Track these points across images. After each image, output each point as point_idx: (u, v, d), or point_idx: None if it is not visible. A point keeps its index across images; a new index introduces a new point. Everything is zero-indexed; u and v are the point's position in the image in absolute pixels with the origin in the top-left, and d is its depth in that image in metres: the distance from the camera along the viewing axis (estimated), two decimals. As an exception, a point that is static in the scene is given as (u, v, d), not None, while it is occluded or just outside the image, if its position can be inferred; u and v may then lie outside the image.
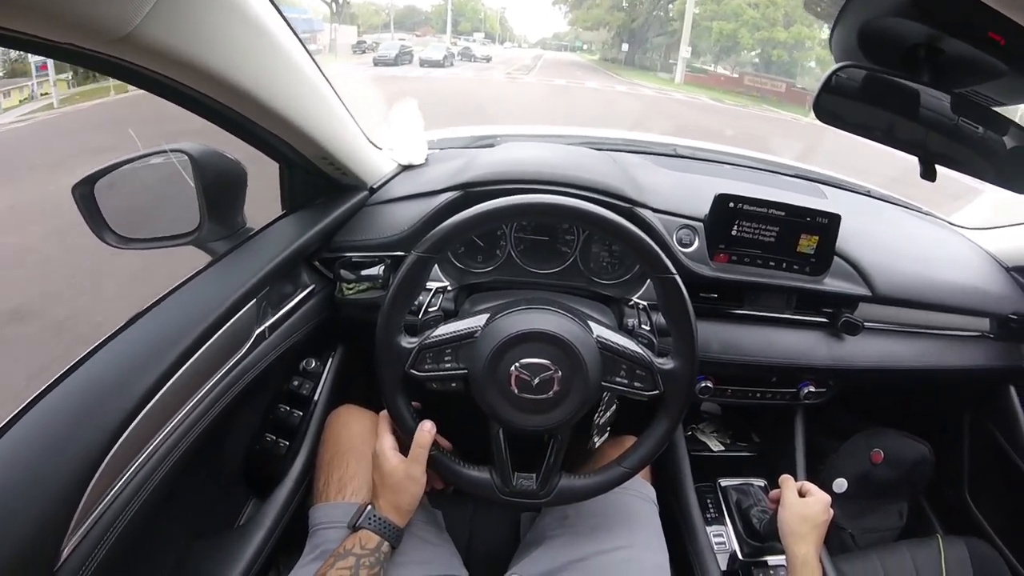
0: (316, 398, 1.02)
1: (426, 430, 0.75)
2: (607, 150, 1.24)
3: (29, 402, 0.56)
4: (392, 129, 1.10)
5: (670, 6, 28.79)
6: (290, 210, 0.97)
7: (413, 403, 0.78)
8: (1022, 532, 1.21)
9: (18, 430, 0.54)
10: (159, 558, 0.79)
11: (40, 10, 0.41)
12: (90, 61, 0.52)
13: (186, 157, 0.80)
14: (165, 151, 0.82)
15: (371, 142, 1.03)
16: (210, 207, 0.82)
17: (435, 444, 0.76)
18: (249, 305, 0.80)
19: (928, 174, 0.67)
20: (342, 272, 0.99)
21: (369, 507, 0.75)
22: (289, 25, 0.69)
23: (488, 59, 28.59)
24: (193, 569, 0.83)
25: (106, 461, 0.57)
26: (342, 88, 0.88)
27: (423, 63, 20.25)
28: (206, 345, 0.71)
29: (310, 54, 0.76)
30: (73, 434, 0.56)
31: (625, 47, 34.43)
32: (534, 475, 0.77)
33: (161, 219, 0.86)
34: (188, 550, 0.84)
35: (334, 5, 29.28)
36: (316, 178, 0.95)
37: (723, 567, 1.03)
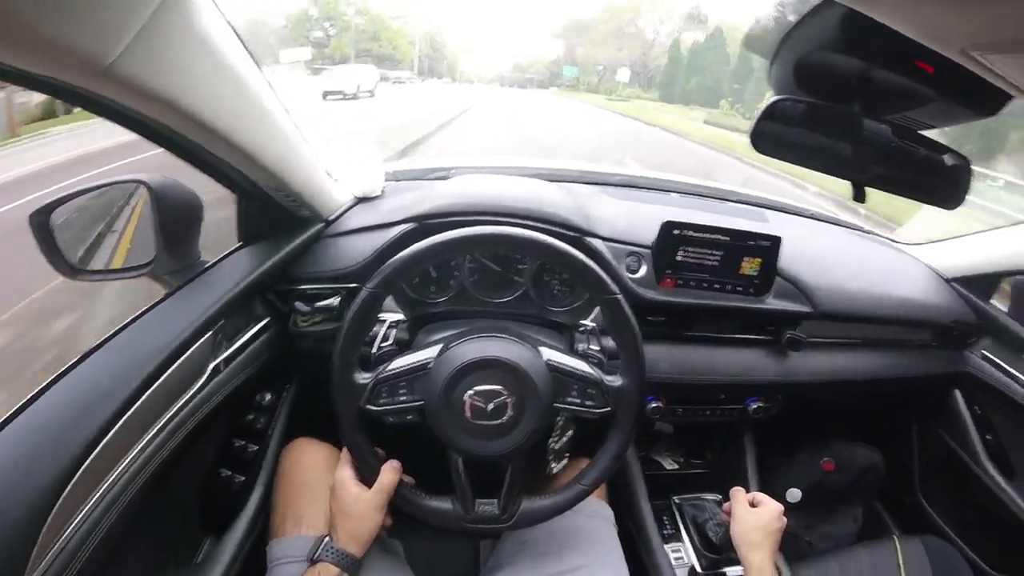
0: (271, 431, 1.01)
1: (394, 468, 0.77)
2: (560, 181, 1.28)
3: None
4: (348, 161, 1.11)
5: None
6: (245, 242, 0.96)
7: (377, 449, 0.79)
8: (976, 527, 1.26)
9: None
10: None
11: (19, 41, 0.41)
12: (68, 95, 0.53)
13: (144, 188, 0.80)
14: (123, 181, 0.82)
15: (328, 173, 1.04)
16: (165, 239, 0.81)
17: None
18: (204, 339, 0.79)
19: (859, 196, 0.70)
20: (297, 304, 0.99)
21: (327, 539, 0.75)
22: (251, 55, 0.69)
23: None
24: None
25: (62, 498, 0.56)
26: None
27: None
28: (161, 379, 0.70)
29: (270, 84, 0.76)
30: (27, 471, 0.54)
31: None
32: (495, 500, 0.78)
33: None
34: None
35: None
36: (272, 210, 0.95)
37: None
